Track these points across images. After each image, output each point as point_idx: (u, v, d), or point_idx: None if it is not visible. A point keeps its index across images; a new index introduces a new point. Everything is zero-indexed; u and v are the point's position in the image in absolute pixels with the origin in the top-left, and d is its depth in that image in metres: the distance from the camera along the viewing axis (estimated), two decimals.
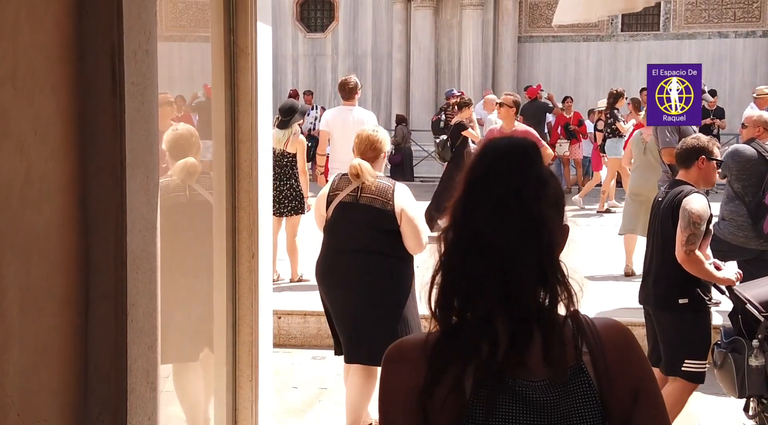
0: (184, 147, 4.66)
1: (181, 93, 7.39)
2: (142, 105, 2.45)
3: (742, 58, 21.21)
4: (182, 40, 5.76)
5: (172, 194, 4.53)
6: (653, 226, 5.20)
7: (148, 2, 2.48)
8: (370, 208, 4.82)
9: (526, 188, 1.65)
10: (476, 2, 20.97)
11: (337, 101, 21.51)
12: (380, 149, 5.05)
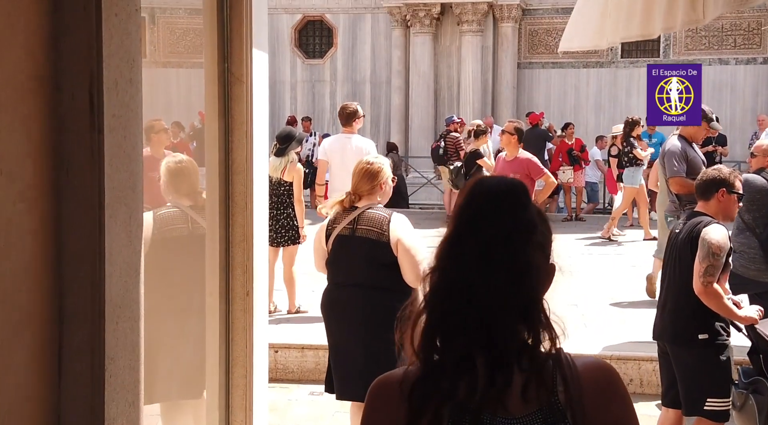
0: (185, 176, 4.47)
1: (179, 120, 7.22)
2: (124, 139, 2.25)
3: (743, 85, 21.10)
4: (179, 67, 5.59)
5: (172, 227, 4.34)
6: (671, 258, 5.00)
7: (132, 27, 2.28)
8: (366, 240, 4.68)
9: (514, 233, 1.69)
10: (475, 28, 20.88)
11: (336, 127, 21.42)
12: (378, 179, 4.85)
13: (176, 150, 6.59)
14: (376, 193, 4.82)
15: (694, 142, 7.80)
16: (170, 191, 4.44)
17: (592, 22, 4.69)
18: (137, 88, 2.34)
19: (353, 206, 4.78)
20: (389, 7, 21.40)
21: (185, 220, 4.33)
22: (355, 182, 4.84)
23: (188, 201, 4.41)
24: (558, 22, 21.79)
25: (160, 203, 4.51)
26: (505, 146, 9.12)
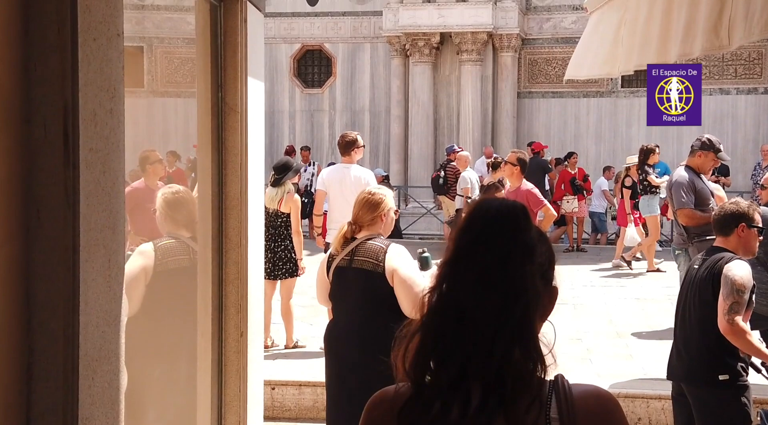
0: (182, 207, 4.28)
1: (176, 149, 7.05)
2: (103, 175, 2.04)
3: (744, 115, 20.99)
4: (177, 96, 5.44)
5: (174, 258, 4.14)
6: (687, 295, 4.79)
7: (113, 53, 2.08)
8: (362, 271, 4.51)
9: (512, 258, 1.70)
10: (475, 58, 20.79)
11: (335, 157, 21.29)
12: (379, 210, 4.68)
13: (172, 180, 6.40)
14: (377, 224, 4.67)
15: (702, 173, 7.62)
16: (168, 223, 4.24)
17: (603, 50, 4.51)
18: (119, 120, 2.14)
19: (354, 237, 4.62)
20: (388, 36, 21.33)
21: (186, 251, 4.14)
22: (356, 212, 4.69)
23: (186, 232, 4.23)
24: (557, 52, 21.74)
25: (156, 235, 4.34)
26: (508, 177, 8.93)
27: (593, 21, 4.88)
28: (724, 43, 3.00)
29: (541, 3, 21.87)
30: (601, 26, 4.57)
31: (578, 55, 5.27)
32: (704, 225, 7.40)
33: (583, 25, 18.54)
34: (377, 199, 4.69)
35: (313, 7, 22.60)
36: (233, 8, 3.66)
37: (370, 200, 4.68)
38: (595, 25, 4.79)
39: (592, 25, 4.91)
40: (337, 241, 4.67)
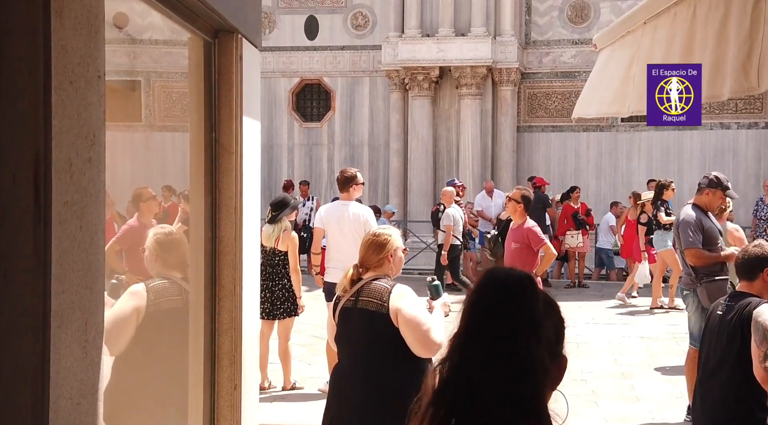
0: (174, 248, 4.09)
1: (174, 185, 6.89)
2: (79, 230, 1.86)
3: (746, 150, 20.86)
4: (175, 131, 5.32)
5: (167, 298, 3.95)
6: (711, 343, 4.58)
7: (93, 97, 1.90)
8: (365, 312, 4.38)
9: (519, 330, 1.75)
10: (474, 92, 20.71)
11: (334, 191, 21.14)
12: (385, 250, 4.56)
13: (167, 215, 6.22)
14: (384, 265, 4.56)
15: (710, 211, 7.45)
16: (159, 264, 4.06)
17: (612, 88, 4.33)
18: (99, 169, 1.96)
19: (360, 278, 4.52)
20: (388, 70, 21.26)
21: (179, 292, 3.95)
22: (362, 254, 4.59)
23: (178, 274, 4.04)
24: (557, 86, 21.68)
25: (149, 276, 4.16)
26: (511, 214, 8.75)
27: (603, 58, 4.71)
28: (754, 85, 2.82)
29: (540, 37, 21.84)
30: (612, 63, 4.40)
31: (587, 93, 5.09)
32: (713, 265, 7.23)
33: (583, 59, 18.63)
34: (382, 240, 4.59)
35: (312, 41, 22.66)
36: (228, 45, 3.50)
37: (375, 242, 4.58)
38: (605, 62, 4.62)
39: (602, 63, 4.74)
40: (344, 282, 4.56)
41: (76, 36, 1.83)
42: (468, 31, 20.60)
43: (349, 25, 22.57)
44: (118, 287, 3.60)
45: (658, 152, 21.20)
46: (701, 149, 20.99)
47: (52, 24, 1.71)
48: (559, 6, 21.63)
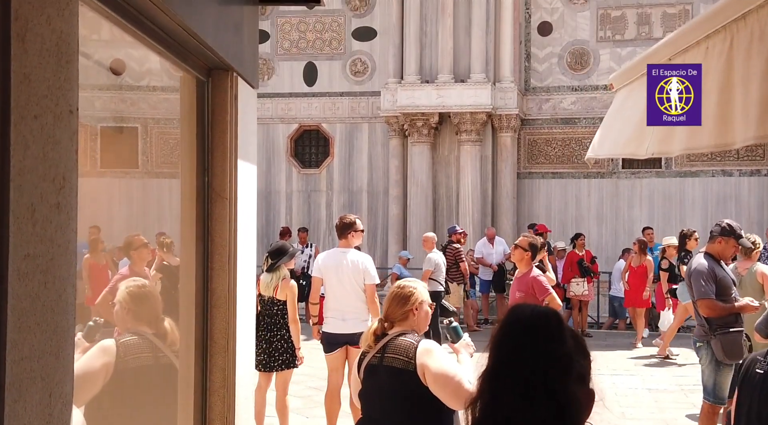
0: (147, 302, 3.83)
1: (170, 232, 6.66)
2: (44, 287, 1.60)
3: (748, 198, 20.67)
4: (172, 177, 5.11)
5: (137, 356, 3.69)
6: (753, 399, 4.31)
7: (62, 134, 1.67)
8: (392, 369, 4.25)
9: (552, 369, 1.74)
10: (474, 138, 20.56)
11: (333, 238, 20.90)
12: (409, 304, 4.41)
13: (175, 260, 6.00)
14: (409, 319, 4.42)
15: (723, 260, 7.21)
16: (130, 318, 3.81)
17: (629, 128, 4.10)
18: (69, 216, 1.71)
19: (385, 333, 4.38)
20: (387, 116, 21.14)
21: (150, 348, 3.70)
22: (386, 308, 4.46)
23: (149, 329, 3.79)
24: (557, 132, 21.56)
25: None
26: (517, 262, 8.50)
27: (620, 99, 4.49)
28: None
29: (540, 84, 21.77)
30: (629, 103, 4.17)
31: (601, 133, 4.86)
32: (727, 316, 6.97)
33: (583, 106, 18.53)
34: (407, 292, 4.44)
35: (311, 88, 22.59)
36: (222, 83, 3.27)
37: (399, 294, 4.44)
38: (621, 102, 4.40)
39: (619, 103, 4.52)
40: (367, 337, 4.42)
41: (43, 64, 1.60)
42: (467, 77, 20.52)
43: (348, 72, 22.51)
44: (95, 331, 3.36)
45: (660, 198, 21.02)
46: (703, 196, 20.81)
47: (12, 49, 1.48)
48: (558, 53, 21.59)
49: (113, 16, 2.27)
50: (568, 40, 21.55)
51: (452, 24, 20.54)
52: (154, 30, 2.59)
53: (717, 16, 2.87)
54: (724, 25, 2.79)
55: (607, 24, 21.37)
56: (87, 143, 3.14)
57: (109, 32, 2.44)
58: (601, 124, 4.93)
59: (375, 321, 4.44)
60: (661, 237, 19.49)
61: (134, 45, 2.64)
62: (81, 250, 3.91)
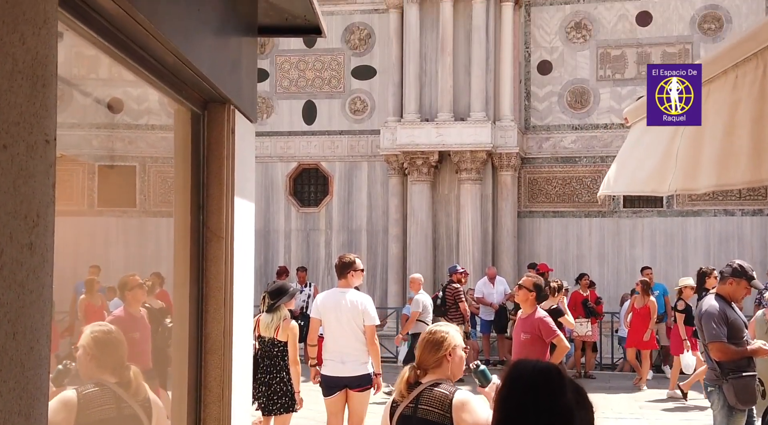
0: (112, 349, 3.63)
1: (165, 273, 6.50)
2: (11, 339, 1.42)
3: (750, 237, 20.49)
4: (170, 216, 4.97)
5: (99, 408, 3.48)
6: None
7: (36, 167, 1.49)
8: (427, 422, 4.12)
9: None
10: (474, 177, 20.43)
11: (332, 277, 20.68)
12: (442, 350, 4.26)
13: (157, 303, 5.83)
14: (443, 366, 4.27)
15: (734, 301, 7.01)
16: (93, 365, 3.59)
17: (649, 164, 3.91)
18: (44, 258, 1.52)
19: (418, 381, 4.23)
20: (386, 155, 21.04)
21: (113, 400, 3.48)
22: (418, 354, 4.32)
23: (113, 378, 3.57)
24: (558, 171, 21.45)
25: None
26: (521, 303, 8.29)
27: (636, 133, 4.32)
28: None
29: (540, 122, 21.71)
30: (647, 138, 4.00)
31: (617, 169, 4.67)
32: (739, 360, 6.76)
33: (583, 144, 18.45)
34: (439, 338, 4.29)
35: (310, 126, 22.50)
36: (218, 117, 3.10)
37: (431, 340, 4.30)
38: (638, 136, 4.22)
39: (634, 138, 4.34)
40: (400, 385, 4.30)
41: (15, 88, 1.43)
42: (467, 115, 20.46)
43: (347, 110, 22.45)
44: (63, 376, 3.16)
45: (662, 237, 20.86)
46: (705, 236, 20.64)
47: None
48: (558, 92, 21.55)
49: (100, 41, 2.11)
50: (568, 78, 21.52)
51: (452, 62, 20.51)
52: (144, 58, 2.42)
53: (748, 43, 2.71)
54: (755, 52, 2.63)
55: (607, 63, 21.35)
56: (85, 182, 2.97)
57: (95, 59, 2.27)
58: (616, 159, 4.75)
59: (407, 368, 4.30)
60: (662, 277, 19.39)
61: (123, 73, 2.48)
62: (79, 290, 3.73)
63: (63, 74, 2.41)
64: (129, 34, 2.20)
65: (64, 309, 3.48)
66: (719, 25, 20.60)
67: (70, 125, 2.62)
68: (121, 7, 1.99)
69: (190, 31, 2.63)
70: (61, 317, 3.56)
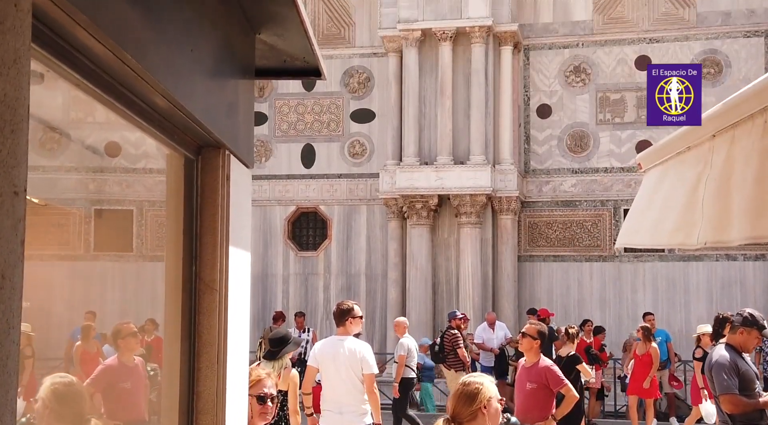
0: (72, 402, 3.42)
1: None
2: None
3: (753, 283, 20.30)
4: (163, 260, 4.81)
5: None
6: None
7: (3, 221, 1.32)
8: None
9: None
10: (474, 220, 20.29)
11: (330, 322, 20.42)
12: (477, 402, 4.09)
13: (151, 349, 5.63)
14: (478, 419, 4.09)
15: (744, 352, 6.81)
16: (51, 419, 3.38)
17: (672, 214, 3.71)
18: (10, 324, 1.35)
19: None
20: (385, 198, 20.93)
21: None
22: (452, 408, 4.15)
23: None
24: (558, 215, 21.32)
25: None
26: (525, 351, 8.07)
27: (652, 180, 4.14)
28: None
29: (539, 166, 21.63)
30: (666, 185, 3.81)
31: (633, 218, 4.48)
32: (751, 413, 6.55)
33: (583, 188, 18.29)
34: (473, 390, 4.11)
35: (309, 169, 22.40)
36: (213, 162, 2.95)
37: (464, 392, 4.12)
38: (656, 183, 4.04)
39: (651, 185, 4.16)
40: None
41: None
42: (467, 159, 20.39)
43: (346, 153, 22.39)
44: None
45: (664, 283, 20.67)
46: (707, 281, 20.46)
47: None
48: (558, 135, 21.50)
49: (81, 81, 1.95)
50: (568, 122, 21.48)
51: (451, 106, 20.49)
52: (133, 100, 2.27)
53: None
54: None
55: (607, 107, 21.32)
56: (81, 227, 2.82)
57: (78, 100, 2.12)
58: (633, 207, 4.55)
59: (440, 421, 4.13)
60: (664, 323, 19.15)
61: (111, 116, 2.32)
62: (75, 336, 3.55)
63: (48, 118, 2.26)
64: (115, 75, 2.04)
65: (59, 356, 3.31)
66: (718, 70, 20.61)
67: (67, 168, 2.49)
68: (105, 46, 1.84)
69: (183, 73, 2.48)
70: (57, 364, 3.38)
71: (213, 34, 2.85)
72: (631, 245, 4.76)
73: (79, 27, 1.71)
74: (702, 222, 3.27)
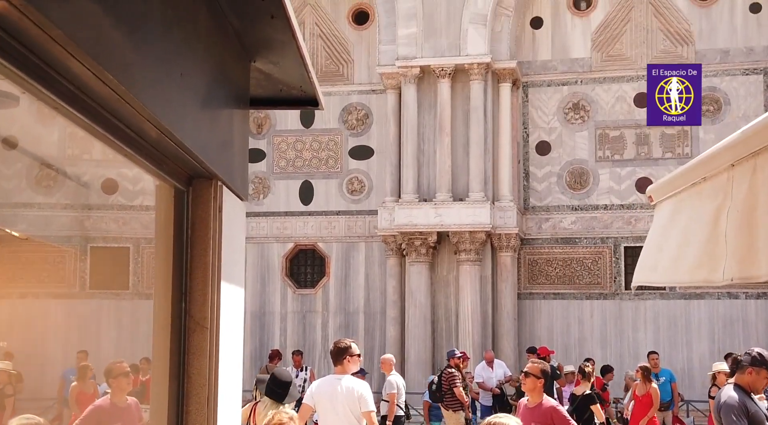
0: None
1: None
2: None
3: (755, 320, 20.12)
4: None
5: None
6: None
7: None
8: None
9: None
10: (473, 258, 20.14)
11: (328, 360, 20.15)
12: None
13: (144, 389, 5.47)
14: None
15: (753, 392, 6.63)
16: None
17: (692, 250, 3.52)
18: None
19: None
20: (384, 235, 20.80)
21: None
22: None
23: None
24: (557, 252, 21.17)
25: None
26: (529, 392, 7.86)
27: (665, 213, 3.97)
28: None
29: (539, 203, 21.53)
30: (683, 218, 3.63)
31: (649, 254, 4.29)
32: None
33: (583, 225, 18.16)
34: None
35: (307, 206, 22.29)
36: (204, 193, 2.81)
37: None
38: (670, 217, 3.86)
39: (665, 219, 3.98)
40: None
41: None
42: (466, 195, 20.30)
43: (344, 190, 22.30)
44: None
45: (665, 321, 20.48)
46: (709, 319, 20.27)
47: None
48: (557, 172, 21.43)
49: (62, 105, 1.81)
50: (567, 159, 21.42)
51: (450, 142, 20.44)
52: (117, 126, 2.13)
53: None
54: None
55: (606, 144, 21.27)
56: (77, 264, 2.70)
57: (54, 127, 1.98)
58: (647, 243, 4.35)
59: None
60: (665, 362, 18.88)
61: (96, 144, 2.18)
62: (68, 376, 3.40)
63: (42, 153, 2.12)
64: (96, 97, 1.91)
65: (51, 396, 3.15)
66: (717, 107, 20.60)
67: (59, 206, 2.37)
68: (83, 64, 1.70)
69: (172, 98, 2.35)
70: (50, 404, 3.23)
71: (205, 58, 2.72)
72: (649, 283, 4.54)
73: (54, 43, 1.58)
74: (726, 257, 3.10)
